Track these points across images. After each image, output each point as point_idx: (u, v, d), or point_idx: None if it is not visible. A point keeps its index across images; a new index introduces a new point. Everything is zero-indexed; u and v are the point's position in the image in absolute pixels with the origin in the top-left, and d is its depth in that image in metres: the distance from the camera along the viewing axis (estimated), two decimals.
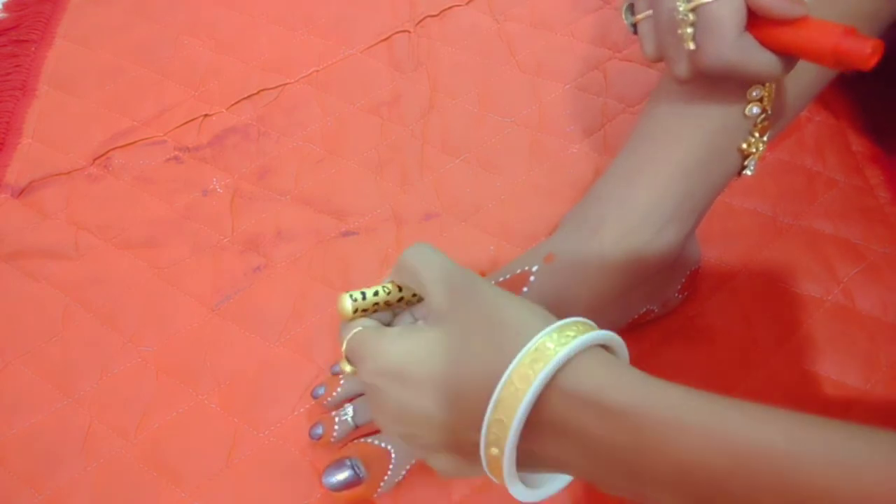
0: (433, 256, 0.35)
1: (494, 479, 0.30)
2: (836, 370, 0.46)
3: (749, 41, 0.34)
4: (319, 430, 0.43)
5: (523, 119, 0.62)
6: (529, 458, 0.30)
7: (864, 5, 0.38)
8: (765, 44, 0.35)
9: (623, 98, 0.62)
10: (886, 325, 0.48)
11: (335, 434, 0.43)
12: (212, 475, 0.44)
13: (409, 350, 0.32)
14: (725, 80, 0.37)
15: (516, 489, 0.30)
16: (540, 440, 0.29)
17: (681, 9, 0.35)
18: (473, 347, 0.30)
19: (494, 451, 0.29)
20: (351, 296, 0.36)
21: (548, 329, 0.29)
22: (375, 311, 0.37)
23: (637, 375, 0.29)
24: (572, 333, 0.29)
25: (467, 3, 0.71)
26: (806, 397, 0.45)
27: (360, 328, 0.35)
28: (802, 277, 0.50)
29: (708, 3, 0.34)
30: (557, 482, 0.32)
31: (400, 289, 0.37)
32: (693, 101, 0.40)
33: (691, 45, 0.35)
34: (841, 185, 0.55)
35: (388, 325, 0.38)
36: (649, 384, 0.28)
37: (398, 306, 0.38)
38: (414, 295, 0.38)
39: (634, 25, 0.39)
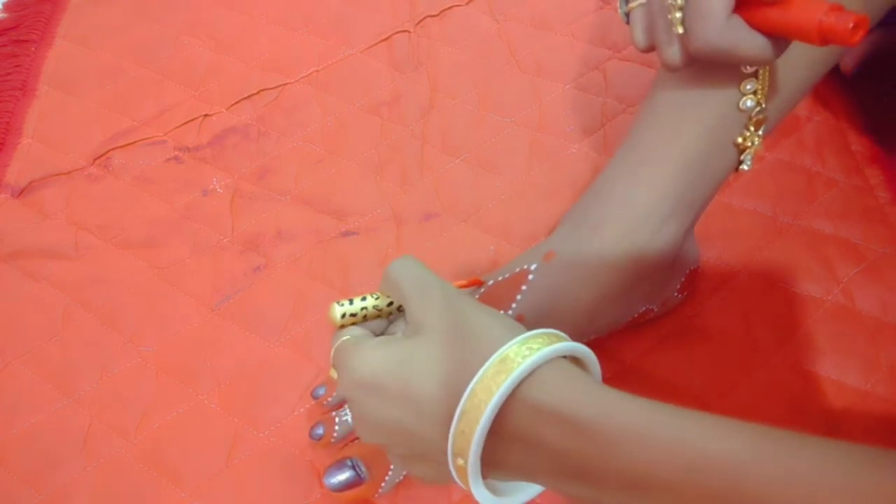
0: (413, 269, 0.35)
1: (463, 487, 0.31)
2: (835, 370, 0.46)
3: (738, 23, 0.34)
4: (320, 431, 0.43)
5: (523, 119, 0.62)
6: (494, 466, 0.30)
7: (852, 5, 0.38)
8: (753, 25, 0.35)
9: (623, 98, 0.62)
10: (886, 325, 0.48)
11: (335, 434, 0.43)
12: (212, 475, 0.44)
13: (382, 362, 0.32)
14: (718, 68, 0.37)
15: (482, 496, 0.30)
16: (503, 449, 0.29)
17: None
18: (443, 358, 0.31)
19: (460, 461, 0.29)
20: (339, 303, 0.36)
21: (513, 341, 0.30)
22: (366, 318, 0.37)
23: (598, 388, 0.29)
24: (536, 346, 0.29)
25: (467, 3, 0.71)
26: (806, 397, 0.45)
27: (346, 337, 0.35)
28: (802, 277, 0.50)
29: None
30: (526, 491, 0.32)
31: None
32: (688, 96, 0.40)
33: (680, 29, 0.35)
34: (841, 185, 0.55)
35: (381, 333, 0.38)
36: (609, 396, 0.29)
37: (389, 313, 0.38)
38: None
39: (628, 15, 0.40)
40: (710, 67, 0.38)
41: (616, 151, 0.43)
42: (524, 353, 0.29)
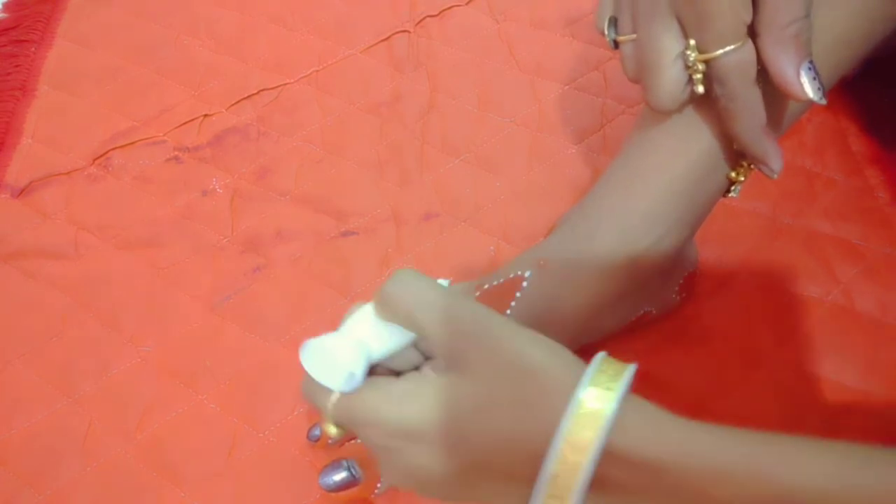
0: (426, 291, 0.31)
1: None
2: (835, 371, 0.46)
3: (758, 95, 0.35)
4: (317, 432, 0.43)
5: (523, 119, 0.62)
6: None
7: (853, 30, 0.38)
8: None
9: (623, 98, 0.62)
10: (886, 325, 0.48)
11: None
12: (212, 475, 0.44)
13: (420, 406, 0.29)
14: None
15: None
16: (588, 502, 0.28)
17: (691, 57, 0.35)
18: (500, 400, 0.28)
19: None
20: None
21: (583, 382, 0.27)
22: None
23: (670, 422, 0.28)
24: (607, 383, 0.27)
25: (467, 3, 0.71)
26: (805, 398, 0.45)
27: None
28: (802, 278, 0.50)
29: (717, 56, 0.34)
30: None
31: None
32: (685, 123, 0.40)
33: (701, 89, 0.36)
34: (841, 186, 0.55)
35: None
36: (684, 431, 0.27)
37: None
38: None
39: (615, 42, 0.40)
40: (709, 103, 0.38)
41: (615, 159, 0.43)
42: (602, 397, 0.27)
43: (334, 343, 0.30)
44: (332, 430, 0.32)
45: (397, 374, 0.33)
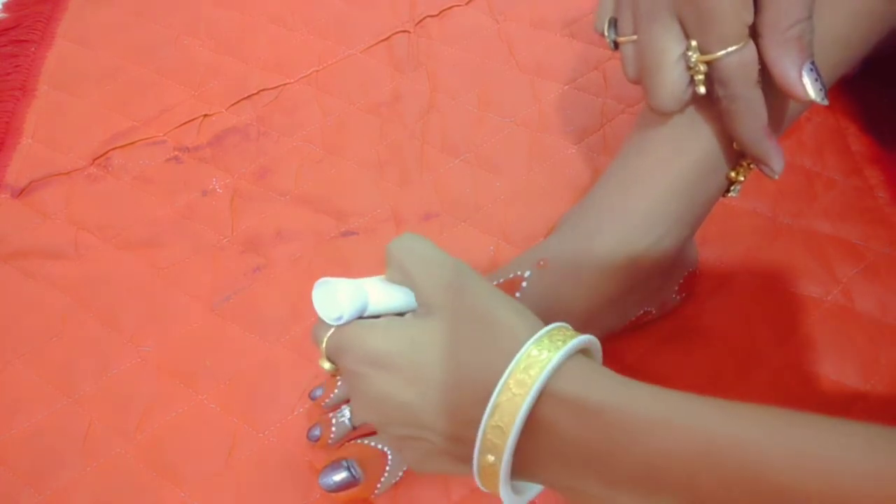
0: (422, 248, 0.34)
1: (482, 487, 0.31)
2: (835, 371, 0.46)
3: (759, 94, 0.35)
4: (317, 433, 0.43)
5: (523, 119, 0.62)
6: (516, 463, 0.30)
7: (852, 30, 0.39)
8: None
9: (622, 98, 0.62)
10: (886, 325, 0.48)
11: (332, 436, 0.43)
12: (212, 475, 0.44)
13: (394, 339, 0.32)
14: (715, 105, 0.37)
15: (507, 495, 0.30)
16: (526, 444, 0.29)
17: (693, 58, 0.35)
18: (462, 343, 0.31)
19: (490, 458, 0.29)
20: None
21: (539, 334, 0.30)
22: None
23: (612, 376, 0.30)
24: (560, 339, 0.30)
25: (467, 3, 0.71)
26: (805, 398, 0.45)
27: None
28: (802, 278, 0.50)
29: (719, 57, 0.34)
30: (531, 490, 0.32)
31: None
32: (684, 124, 0.40)
33: (702, 90, 0.36)
34: (840, 186, 0.55)
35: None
36: (623, 384, 0.29)
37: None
38: None
39: (615, 42, 0.40)
40: (709, 103, 0.38)
41: (615, 158, 0.43)
42: (552, 346, 0.29)
43: (340, 284, 0.34)
44: (326, 365, 0.36)
45: None
